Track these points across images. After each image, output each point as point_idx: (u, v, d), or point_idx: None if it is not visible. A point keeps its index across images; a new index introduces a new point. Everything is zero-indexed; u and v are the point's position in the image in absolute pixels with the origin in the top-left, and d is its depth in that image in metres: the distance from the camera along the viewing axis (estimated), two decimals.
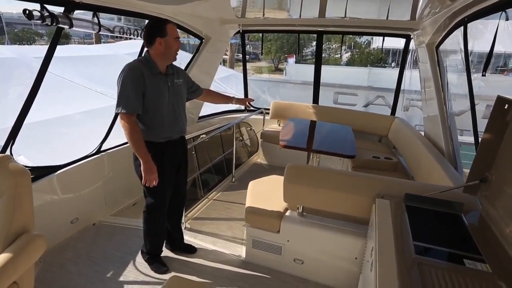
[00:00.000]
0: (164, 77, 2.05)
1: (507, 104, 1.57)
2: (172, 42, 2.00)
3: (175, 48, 2.02)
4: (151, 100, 1.99)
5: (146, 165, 1.99)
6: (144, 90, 1.95)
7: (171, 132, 2.13)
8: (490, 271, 1.28)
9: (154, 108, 2.02)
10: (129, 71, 1.93)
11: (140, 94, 1.94)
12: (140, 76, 1.93)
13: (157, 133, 2.07)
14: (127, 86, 1.91)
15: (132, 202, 3.40)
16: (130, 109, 1.92)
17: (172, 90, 2.09)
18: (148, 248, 2.38)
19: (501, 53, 13.41)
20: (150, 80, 1.97)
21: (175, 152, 2.21)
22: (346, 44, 25.00)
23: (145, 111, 2.00)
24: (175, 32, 2.01)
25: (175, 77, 2.14)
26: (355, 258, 2.14)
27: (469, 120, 2.40)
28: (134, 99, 1.92)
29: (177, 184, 2.32)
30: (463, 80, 2.53)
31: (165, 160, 2.13)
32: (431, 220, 1.68)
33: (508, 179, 1.55)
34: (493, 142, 1.67)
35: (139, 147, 1.97)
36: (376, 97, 6.84)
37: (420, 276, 1.25)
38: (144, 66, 1.98)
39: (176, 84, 2.14)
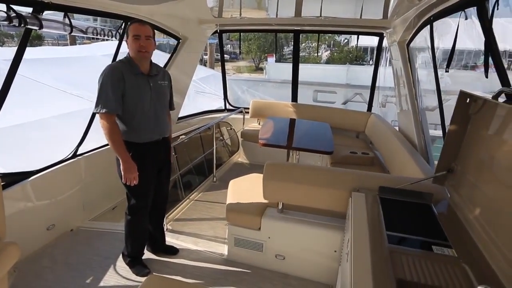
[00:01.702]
0: (145, 78, 2.03)
1: (469, 98, 1.66)
2: (131, 42, 1.96)
3: (135, 48, 1.96)
4: (131, 100, 1.98)
5: (125, 165, 2.00)
6: (123, 90, 1.94)
7: (151, 133, 2.11)
8: (456, 255, 1.36)
9: (134, 108, 2.00)
10: (109, 71, 1.93)
11: (119, 94, 1.94)
12: (120, 76, 1.92)
13: (137, 133, 2.06)
14: (106, 86, 1.90)
15: (111, 206, 3.34)
16: (109, 109, 1.92)
17: (154, 90, 2.07)
18: (129, 251, 2.35)
19: (472, 50, 13.98)
20: (131, 80, 1.96)
21: (157, 153, 2.19)
22: (326, 42, 25.40)
23: (125, 111, 1.99)
24: (135, 30, 1.96)
25: (159, 78, 2.12)
26: (334, 251, 2.20)
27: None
28: (113, 99, 1.91)
29: (159, 185, 2.31)
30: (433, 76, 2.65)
31: (146, 161, 2.11)
32: (403, 211, 1.75)
33: (471, 169, 1.65)
34: (457, 135, 1.77)
35: (118, 146, 1.97)
36: (354, 94, 6.99)
37: (392, 264, 1.31)
38: (125, 67, 1.98)
39: (159, 85, 2.11)
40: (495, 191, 1.42)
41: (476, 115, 1.65)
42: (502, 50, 7.40)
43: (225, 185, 2.82)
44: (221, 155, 4.58)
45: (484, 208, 1.48)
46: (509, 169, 1.34)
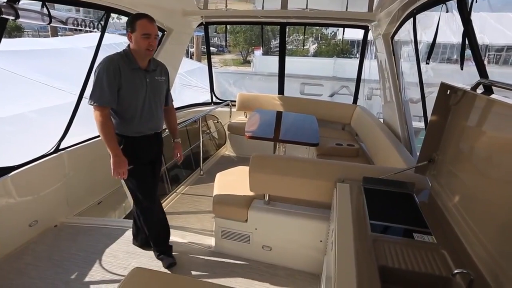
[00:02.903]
0: (142, 73, 2.00)
1: (449, 90, 1.70)
2: (140, 39, 1.89)
3: (144, 46, 1.90)
4: (126, 94, 1.96)
5: (115, 159, 1.99)
6: (119, 84, 1.92)
7: (144, 127, 2.10)
8: (435, 241, 1.41)
9: (128, 103, 1.99)
10: (106, 63, 1.89)
11: (115, 87, 1.91)
12: (116, 70, 1.89)
13: (130, 127, 2.05)
14: (102, 79, 1.87)
15: (97, 200, 3.29)
16: (103, 102, 1.90)
17: (150, 86, 2.04)
18: (154, 246, 2.39)
19: (455, 44, 14.21)
20: (127, 74, 1.93)
21: (150, 147, 2.19)
22: (313, 35, 25.42)
23: (120, 105, 1.98)
24: (145, 29, 1.89)
25: (156, 74, 2.09)
26: (320, 241, 2.23)
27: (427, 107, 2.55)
28: (108, 92, 1.89)
29: (156, 175, 2.33)
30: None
31: (139, 155, 2.12)
32: (386, 200, 1.79)
33: (451, 158, 1.69)
34: (438, 125, 1.81)
35: (109, 140, 1.96)
36: (341, 87, 7.05)
37: (375, 251, 1.34)
38: (123, 60, 1.94)
39: (156, 80, 2.08)
40: (473, 180, 1.46)
41: (456, 106, 1.69)
42: (487, 44, 7.44)
43: (212, 178, 2.82)
44: (208, 148, 4.57)
45: (463, 196, 1.53)
46: (486, 159, 1.39)
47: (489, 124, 1.38)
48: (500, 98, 1.29)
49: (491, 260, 1.16)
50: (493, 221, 1.22)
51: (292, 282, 2.23)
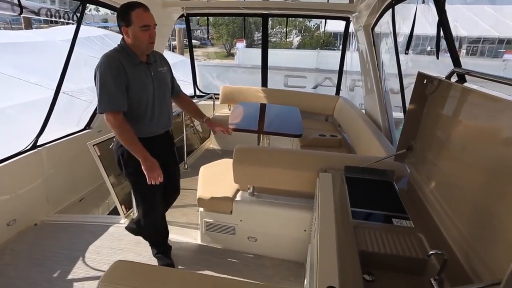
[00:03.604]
0: (145, 67, 1.83)
1: (425, 79, 1.74)
2: (139, 32, 1.70)
3: (145, 40, 1.72)
4: (135, 93, 1.79)
5: (146, 163, 1.79)
6: (127, 82, 1.74)
7: (157, 126, 1.95)
8: (413, 226, 1.46)
9: (138, 101, 1.82)
10: (107, 63, 1.71)
11: (123, 87, 1.73)
12: (120, 67, 1.71)
13: (142, 128, 1.88)
14: (107, 81, 1.69)
15: (78, 197, 3.22)
16: (114, 107, 1.72)
17: (156, 80, 1.88)
18: (153, 247, 2.34)
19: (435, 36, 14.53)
20: (131, 71, 1.76)
21: (162, 147, 2.04)
22: (297, 28, 25.43)
23: (130, 105, 1.80)
24: (143, 19, 1.70)
25: (158, 65, 1.92)
26: (304, 230, 2.27)
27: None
28: (117, 95, 1.71)
29: (172, 178, 2.20)
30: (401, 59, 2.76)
31: (152, 156, 1.92)
32: (367, 188, 1.84)
33: (428, 146, 1.75)
34: (416, 114, 1.86)
35: (133, 145, 1.78)
36: (324, 78, 7.09)
37: (356, 237, 1.38)
38: (122, 56, 1.75)
39: (159, 72, 1.92)
40: (448, 166, 1.52)
41: (432, 95, 1.74)
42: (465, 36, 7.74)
43: (197, 172, 2.81)
44: (192, 142, 4.53)
45: (438, 182, 1.58)
46: (459, 145, 1.44)
47: (462, 112, 1.43)
48: (472, 86, 1.34)
49: (463, 241, 1.21)
50: (466, 205, 1.28)
51: (277, 271, 2.27)
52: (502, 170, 1.08)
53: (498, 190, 1.08)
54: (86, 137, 3.00)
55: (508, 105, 1.08)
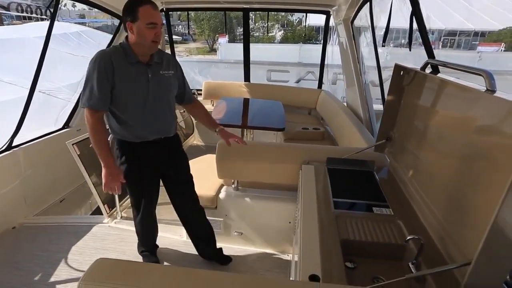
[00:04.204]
0: (143, 67, 1.73)
1: (402, 71, 1.79)
2: (144, 29, 1.61)
3: (149, 38, 1.64)
4: (122, 94, 1.70)
5: (106, 170, 1.74)
6: (113, 82, 1.66)
7: (147, 132, 1.82)
8: (392, 213, 1.51)
9: (125, 103, 1.74)
10: (96, 60, 1.65)
11: (106, 88, 1.66)
12: (108, 66, 1.64)
13: (130, 131, 1.79)
14: (91, 78, 1.64)
15: (59, 198, 3.14)
16: (92, 105, 1.66)
17: (153, 82, 1.76)
18: (140, 245, 2.30)
19: (415, 29, 14.90)
20: (123, 70, 1.68)
21: (157, 155, 1.90)
22: (279, 22, 25.43)
23: (117, 106, 1.73)
24: (151, 17, 1.62)
25: (162, 67, 1.81)
26: (289, 222, 2.30)
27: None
28: (98, 94, 1.65)
29: (175, 188, 2.10)
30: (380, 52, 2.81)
31: (142, 163, 1.86)
32: (349, 179, 1.88)
33: (406, 136, 1.80)
34: (394, 105, 1.91)
35: (100, 147, 1.72)
36: (307, 72, 7.14)
37: (338, 226, 1.41)
38: (118, 54, 1.68)
39: (160, 75, 1.79)
40: (425, 155, 1.57)
41: (408, 86, 1.79)
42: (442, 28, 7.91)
43: None
44: None
45: (416, 171, 1.64)
46: (434, 134, 1.49)
47: (436, 102, 1.48)
48: (445, 77, 1.39)
49: (439, 226, 1.26)
50: (441, 191, 1.33)
51: (263, 264, 2.29)
52: (474, 157, 1.12)
53: (470, 176, 1.13)
54: (65, 136, 2.91)
55: (478, 95, 1.13)
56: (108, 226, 2.67)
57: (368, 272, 1.28)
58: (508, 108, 0.93)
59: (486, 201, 0.95)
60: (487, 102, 1.07)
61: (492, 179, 0.97)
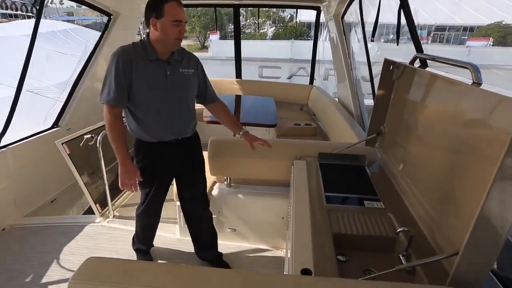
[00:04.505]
0: (163, 65, 1.70)
1: (392, 65, 1.80)
2: (169, 26, 1.60)
3: (173, 35, 1.62)
4: (138, 91, 1.68)
5: (123, 168, 1.72)
6: (130, 79, 1.65)
7: (163, 132, 1.79)
8: (383, 207, 1.52)
9: (140, 101, 1.71)
10: (116, 55, 1.64)
11: (124, 84, 1.65)
12: (126, 63, 1.63)
13: (146, 130, 1.77)
14: (110, 74, 1.64)
15: (50, 199, 3.10)
16: (110, 101, 1.65)
17: (171, 80, 1.73)
18: (136, 241, 2.25)
19: (404, 25, 15.04)
20: (142, 67, 1.66)
21: (173, 155, 1.87)
22: (271, 18, 25.38)
23: (134, 103, 1.71)
24: (176, 14, 1.60)
25: (181, 65, 1.78)
26: (282, 218, 2.31)
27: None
28: (115, 91, 1.63)
29: (187, 188, 2.05)
30: (370, 48, 2.82)
31: (157, 163, 1.84)
32: (340, 173, 1.89)
33: (396, 130, 1.82)
34: (384, 99, 1.92)
35: (117, 144, 1.69)
36: (298, 68, 7.14)
37: (330, 221, 1.42)
38: (137, 50, 1.66)
39: (179, 73, 1.76)
40: (414, 148, 1.59)
41: (398, 81, 1.80)
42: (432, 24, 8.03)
43: None
44: None
45: (406, 164, 1.66)
46: (423, 127, 1.51)
47: (424, 95, 1.50)
48: (433, 70, 1.40)
49: (428, 217, 1.28)
50: (431, 183, 1.35)
51: (257, 259, 2.30)
52: (461, 149, 1.14)
53: (458, 168, 1.15)
54: (54, 136, 2.87)
55: (465, 88, 1.14)
56: (100, 225, 2.65)
57: (360, 264, 1.30)
58: (493, 100, 0.95)
59: (473, 193, 0.97)
60: (473, 94, 1.09)
61: (478, 170, 0.99)
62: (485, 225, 0.86)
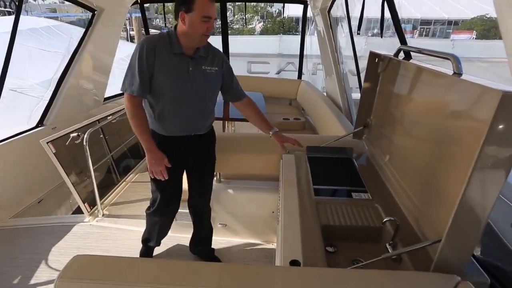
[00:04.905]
0: (186, 60, 1.65)
1: (377, 58, 1.82)
2: (198, 22, 1.54)
3: (201, 31, 1.57)
4: (158, 83, 1.65)
5: (149, 155, 1.69)
6: (152, 70, 1.62)
7: (176, 127, 1.76)
8: (370, 198, 1.55)
9: (159, 93, 1.68)
10: (141, 45, 1.61)
11: (146, 75, 1.62)
12: (150, 54, 1.59)
13: (160, 123, 1.74)
14: (134, 63, 1.61)
15: (36, 199, 3.04)
16: (131, 90, 1.63)
17: (193, 77, 1.68)
18: (143, 239, 2.20)
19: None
20: (164, 59, 1.62)
21: (185, 152, 1.84)
22: (259, 14, 25.25)
23: (153, 95, 1.68)
24: (207, 10, 1.54)
25: (205, 62, 1.72)
26: (272, 212, 2.33)
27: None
28: (137, 81, 1.61)
29: (196, 184, 2.03)
30: (357, 41, 2.84)
31: (170, 156, 1.77)
32: (328, 166, 1.91)
33: (382, 122, 1.84)
34: (370, 92, 1.95)
35: (140, 132, 1.67)
36: (287, 63, 7.16)
37: (318, 213, 1.44)
38: (162, 42, 1.63)
39: (202, 71, 1.71)
40: (399, 140, 1.62)
41: (383, 73, 1.83)
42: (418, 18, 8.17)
43: None
44: None
45: (392, 155, 1.69)
46: (408, 118, 1.53)
47: (409, 87, 1.52)
48: (416, 62, 1.43)
49: (413, 207, 1.31)
50: (415, 173, 1.38)
51: (248, 253, 2.32)
52: (443, 139, 1.17)
53: (440, 158, 1.17)
54: (39, 135, 2.81)
55: (447, 79, 1.17)
56: (89, 224, 2.62)
57: (348, 255, 1.32)
58: (472, 90, 0.97)
59: (455, 181, 1.00)
60: (454, 85, 1.12)
61: (460, 160, 1.01)
62: (465, 212, 0.89)
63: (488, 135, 0.81)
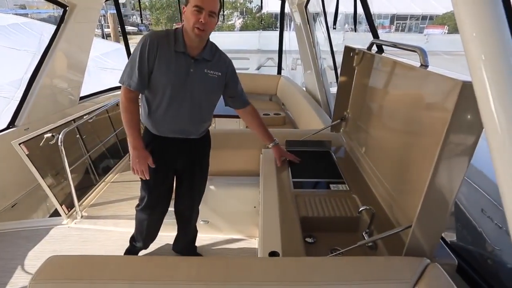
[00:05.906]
0: (188, 60, 1.58)
1: (352, 52, 1.86)
2: (190, 12, 1.47)
3: (192, 22, 1.46)
4: (157, 80, 1.59)
5: (134, 152, 1.64)
6: (152, 66, 1.56)
7: (168, 128, 1.70)
8: (348, 189, 1.59)
9: (157, 91, 1.62)
10: (145, 39, 1.56)
11: (145, 70, 1.56)
12: (152, 49, 1.54)
13: (153, 122, 1.69)
14: (135, 57, 1.56)
15: (10, 204, 2.93)
16: (127, 83, 1.58)
17: (192, 79, 1.60)
18: (131, 239, 2.15)
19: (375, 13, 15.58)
20: (166, 56, 1.56)
21: (175, 154, 1.79)
22: (238, 9, 25.10)
23: (149, 91, 1.63)
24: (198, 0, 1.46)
25: (209, 66, 1.64)
26: (254, 207, 2.34)
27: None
28: (136, 75, 1.56)
29: (185, 188, 1.96)
30: (334, 37, 2.88)
31: (159, 156, 1.74)
32: (307, 159, 1.94)
33: (358, 115, 1.89)
34: (347, 86, 1.99)
35: (129, 127, 1.63)
36: (267, 59, 7.16)
37: (297, 205, 1.47)
38: (167, 38, 1.56)
39: (203, 74, 1.63)
40: (375, 132, 1.67)
41: (359, 66, 1.87)
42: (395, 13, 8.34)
43: None
44: None
45: (368, 147, 1.73)
46: (381, 110, 1.58)
47: (380, 79, 1.57)
48: (388, 55, 1.47)
49: (387, 195, 1.36)
50: (389, 163, 1.43)
51: (231, 249, 2.33)
52: (412, 129, 1.22)
53: (411, 148, 1.22)
54: (10, 136, 2.70)
55: (414, 71, 1.21)
56: (67, 227, 2.55)
57: (326, 245, 1.36)
58: (437, 80, 1.01)
59: (424, 169, 1.04)
60: (421, 76, 1.16)
61: (427, 148, 1.06)
62: (433, 198, 0.93)
63: (451, 123, 0.85)
